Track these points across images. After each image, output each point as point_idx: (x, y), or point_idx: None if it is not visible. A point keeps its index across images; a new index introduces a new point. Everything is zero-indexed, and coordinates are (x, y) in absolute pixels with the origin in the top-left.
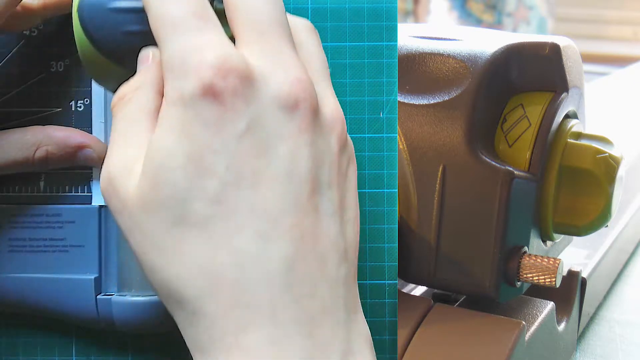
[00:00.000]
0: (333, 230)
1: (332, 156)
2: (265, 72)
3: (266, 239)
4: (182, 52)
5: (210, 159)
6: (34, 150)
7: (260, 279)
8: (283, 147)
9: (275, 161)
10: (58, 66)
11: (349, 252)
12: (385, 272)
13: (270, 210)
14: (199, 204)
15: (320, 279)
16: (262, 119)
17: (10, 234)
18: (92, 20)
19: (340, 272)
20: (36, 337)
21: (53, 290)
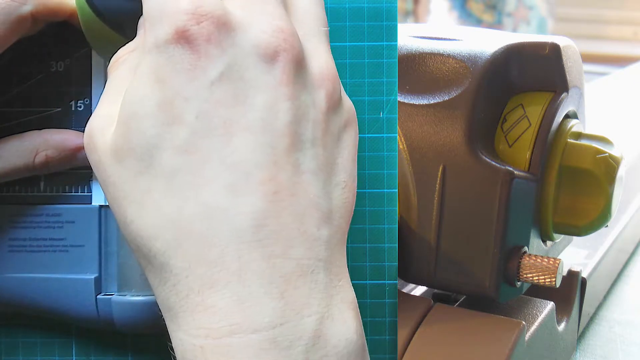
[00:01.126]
0: (314, 188)
1: (318, 114)
2: (245, 20)
3: (236, 192)
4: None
5: (180, 106)
6: (34, 156)
7: (228, 234)
8: (259, 98)
9: (250, 112)
10: (58, 66)
11: (334, 215)
12: (385, 272)
13: (241, 162)
14: (167, 153)
15: (295, 239)
16: (239, 68)
17: (10, 234)
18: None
19: (322, 233)
20: (36, 337)
21: (53, 290)
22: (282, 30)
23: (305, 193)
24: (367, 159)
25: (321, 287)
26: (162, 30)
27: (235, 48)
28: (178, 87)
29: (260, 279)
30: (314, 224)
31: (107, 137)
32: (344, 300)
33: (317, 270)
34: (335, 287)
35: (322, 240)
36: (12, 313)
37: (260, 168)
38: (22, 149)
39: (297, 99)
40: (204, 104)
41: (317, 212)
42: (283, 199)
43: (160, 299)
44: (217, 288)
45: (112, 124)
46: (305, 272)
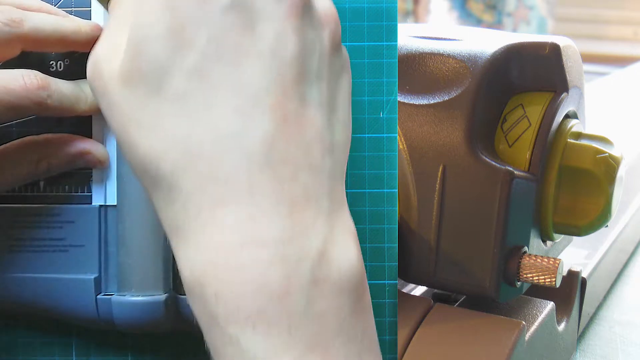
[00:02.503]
0: (319, 120)
1: (323, 49)
2: None
3: (246, 116)
4: None
5: (191, 30)
6: (35, 166)
7: (238, 155)
8: (269, 28)
9: (259, 40)
10: (58, 66)
11: (336, 149)
12: (385, 272)
13: (251, 87)
14: (178, 76)
15: (302, 165)
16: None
17: (10, 234)
18: None
19: (325, 163)
20: (36, 337)
21: (53, 290)
22: None
23: (311, 123)
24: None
25: (325, 213)
26: None
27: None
28: (189, 12)
29: (270, 198)
30: (319, 153)
31: (113, 63)
32: (345, 228)
33: (322, 197)
34: (337, 216)
35: (326, 170)
36: (12, 313)
37: (270, 94)
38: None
39: (304, 34)
40: (215, 30)
41: (322, 143)
42: (291, 125)
43: (167, 220)
44: (228, 205)
45: (118, 51)
46: (310, 198)
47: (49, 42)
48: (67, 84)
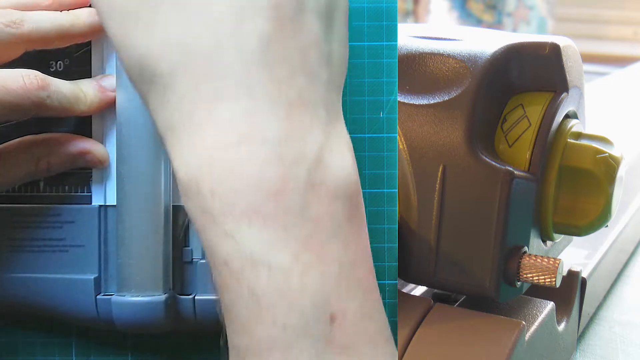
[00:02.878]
0: (316, 28)
1: None
2: None
3: (242, 13)
4: None
5: None
6: (35, 165)
7: (235, 52)
8: None
9: None
10: (58, 66)
11: (334, 62)
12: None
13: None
14: None
15: (299, 69)
16: None
17: (10, 234)
18: None
19: (322, 72)
20: (36, 337)
21: (53, 290)
22: None
23: (309, 29)
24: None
25: (322, 121)
26: None
27: None
28: None
29: (267, 97)
30: (315, 60)
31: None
32: (341, 138)
33: (318, 105)
34: (333, 126)
35: (323, 79)
36: (12, 313)
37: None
38: (24, 159)
39: None
40: None
41: (319, 51)
42: (287, 28)
43: (162, 121)
44: (225, 101)
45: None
46: (307, 103)
47: (49, 39)
48: (66, 84)
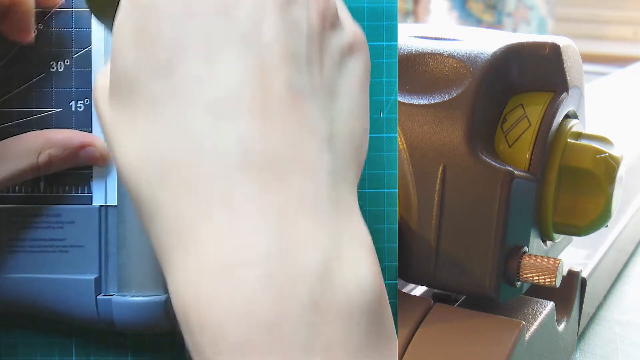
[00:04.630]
0: (311, 110)
1: (312, 29)
2: None
3: (219, 114)
4: None
5: (155, 26)
6: (37, 157)
7: (214, 162)
8: (243, 12)
9: (233, 26)
10: (58, 66)
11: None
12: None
13: (223, 80)
14: (145, 78)
15: (291, 165)
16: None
17: (10, 234)
18: None
19: (322, 159)
20: (36, 337)
21: (53, 290)
22: None
23: (300, 115)
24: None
25: (325, 222)
26: None
27: None
28: (152, 5)
29: (254, 209)
30: (311, 149)
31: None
32: (354, 237)
33: (320, 202)
34: (342, 223)
35: (323, 167)
36: (12, 313)
37: (245, 85)
38: (25, 150)
39: (286, 12)
40: (181, 20)
41: (315, 137)
42: (273, 119)
43: (154, 243)
44: (207, 222)
45: None
46: (304, 203)
47: None
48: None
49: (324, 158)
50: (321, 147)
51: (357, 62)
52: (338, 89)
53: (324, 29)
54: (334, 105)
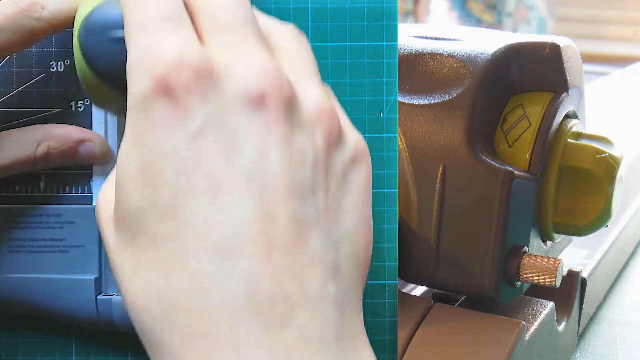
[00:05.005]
0: (315, 241)
1: (317, 155)
2: (228, 65)
3: (224, 256)
4: (142, 52)
5: (159, 165)
6: (35, 147)
7: (219, 305)
8: (247, 147)
9: (237, 164)
10: (58, 66)
11: (343, 268)
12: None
13: (229, 221)
14: (151, 219)
15: (297, 301)
16: (224, 117)
17: (10, 234)
18: (93, 49)
19: (328, 291)
20: (36, 337)
21: (53, 290)
22: (267, 70)
23: (305, 247)
24: None
25: (332, 356)
26: (140, 84)
27: (218, 95)
28: (157, 145)
29: (259, 352)
30: (317, 281)
31: (109, 205)
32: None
33: (326, 337)
34: (349, 354)
35: (330, 299)
36: (12, 313)
37: (250, 225)
38: (24, 141)
39: (291, 143)
40: (184, 160)
41: (321, 268)
42: (278, 257)
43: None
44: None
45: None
46: (311, 341)
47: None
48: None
49: (329, 288)
50: (326, 278)
51: (359, 173)
52: (342, 209)
53: (329, 151)
54: (339, 227)
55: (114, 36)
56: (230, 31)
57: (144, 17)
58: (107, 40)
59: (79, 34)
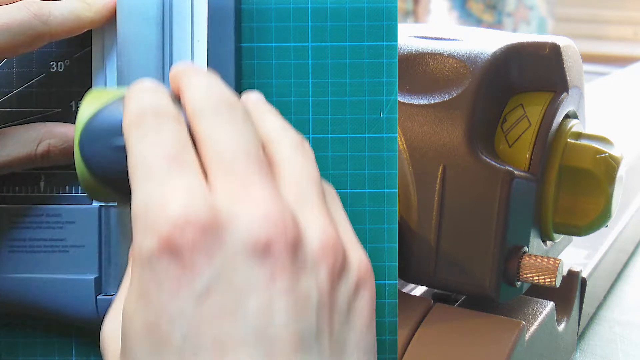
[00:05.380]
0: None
1: (322, 296)
2: (233, 212)
3: None
4: (146, 203)
5: (166, 327)
6: (36, 145)
7: None
8: (252, 303)
9: (242, 322)
10: (58, 66)
11: None
12: (385, 272)
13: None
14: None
15: None
16: (229, 272)
17: (10, 234)
18: (93, 157)
19: None
20: (36, 337)
21: (53, 290)
22: (272, 215)
23: None
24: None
25: None
26: (145, 240)
27: (223, 250)
28: (162, 305)
29: None
30: None
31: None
32: None
33: None
34: None
35: None
36: (12, 313)
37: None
38: (25, 138)
39: (296, 289)
40: (191, 323)
41: None
42: None
43: None
44: None
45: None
46: None
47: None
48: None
49: None
50: None
51: (363, 301)
52: (347, 344)
53: (333, 286)
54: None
55: (115, 144)
56: (234, 172)
57: (149, 154)
58: (108, 148)
59: (80, 138)
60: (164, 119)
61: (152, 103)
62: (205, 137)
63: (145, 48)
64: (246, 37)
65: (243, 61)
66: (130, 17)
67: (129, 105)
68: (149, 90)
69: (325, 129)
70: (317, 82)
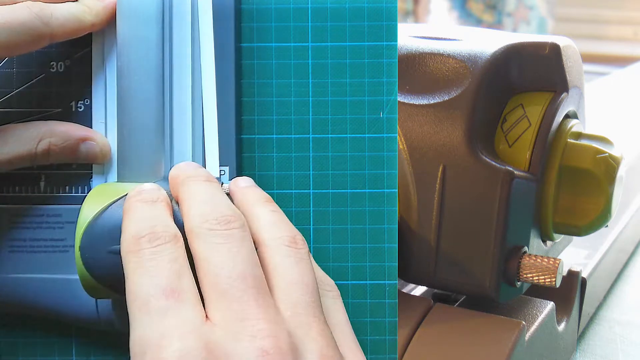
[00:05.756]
0: None
1: None
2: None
3: None
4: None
5: None
6: (37, 143)
7: None
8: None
9: None
10: (58, 66)
11: None
12: (385, 272)
13: None
14: None
15: None
16: None
17: (10, 234)
18: (93, 260)
19: None
20: (36, 337)
21: (53, 290)
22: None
23: None
24: (367, 159)
25: None
26: None
27: None
28: None
29: None
30: None
31: None
32: None
33: None
34: None
35: None
36: (12, 313)
37: None
38: (26, 136)
39: None
40: None
41: None
42: None
43: None
44: None
45: None
46: None
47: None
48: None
49: None
50: None
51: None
52: None
53: None
54: None
55: (114, 250)
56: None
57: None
58: (107, 253)
59: (80, 241)
60: (161, 244)
61: (149, 225)
62: (203, 258)
63: (145, 48)
64: (246, 37)
65: (243, 61)
66: (130, 17)
67: (126, 225)
68: (148, 202)
69: (325, 129)
70: (317, 82)
